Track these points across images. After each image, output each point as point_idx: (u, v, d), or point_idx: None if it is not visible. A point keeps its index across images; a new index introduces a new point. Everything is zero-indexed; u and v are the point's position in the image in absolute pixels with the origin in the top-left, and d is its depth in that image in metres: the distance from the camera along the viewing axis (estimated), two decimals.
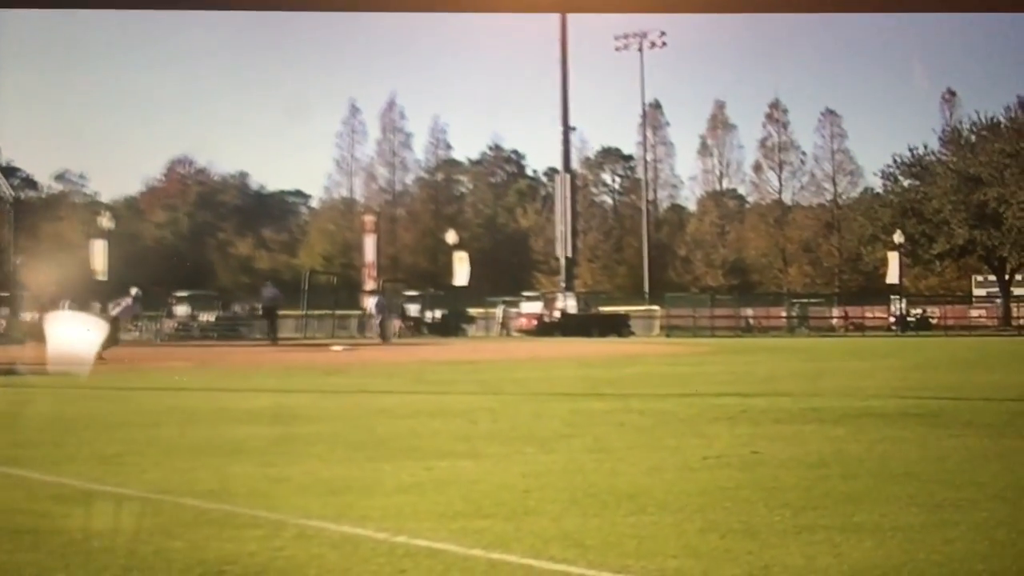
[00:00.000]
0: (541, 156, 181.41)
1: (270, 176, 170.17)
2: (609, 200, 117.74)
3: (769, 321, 75.86)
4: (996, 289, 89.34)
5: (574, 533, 6.73)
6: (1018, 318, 78.02)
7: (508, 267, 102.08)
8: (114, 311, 34.77)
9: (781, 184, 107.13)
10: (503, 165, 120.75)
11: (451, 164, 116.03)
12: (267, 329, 48.71)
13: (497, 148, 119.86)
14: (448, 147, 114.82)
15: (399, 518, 7.24)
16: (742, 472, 9.18)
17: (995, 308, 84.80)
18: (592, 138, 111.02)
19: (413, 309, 67.80)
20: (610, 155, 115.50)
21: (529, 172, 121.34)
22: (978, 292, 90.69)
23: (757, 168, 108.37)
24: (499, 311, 71.59)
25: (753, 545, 6.38)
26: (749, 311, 77.28)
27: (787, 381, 22.13)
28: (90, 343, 20.56)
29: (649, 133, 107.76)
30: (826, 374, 24.57)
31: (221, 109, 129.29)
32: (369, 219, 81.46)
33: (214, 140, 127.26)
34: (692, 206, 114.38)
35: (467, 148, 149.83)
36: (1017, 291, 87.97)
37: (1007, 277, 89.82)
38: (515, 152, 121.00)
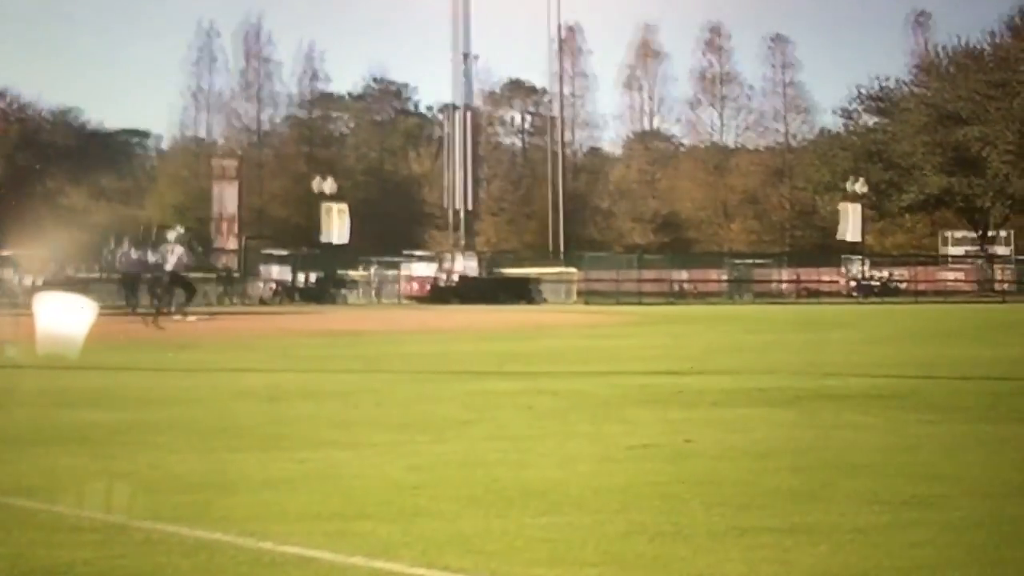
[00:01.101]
0: (434, 90, 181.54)
1: (108, 112, 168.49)
2: (517, 143, 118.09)
3: (707, 286, 76.61)
4: (975, 247, 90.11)
5: (473, 537, 6.71)
6: (1002, 282, 79.12)
7: (396, 222, 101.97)
8: None
9: (722, 124, 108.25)
10: (389, 100, 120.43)
11: (327, 99, 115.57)
12: (126, 296, 48.12)
13: (382, 80, 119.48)
14: (324, 79, 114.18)
15: (265, 520, 7.18)
16: (673, 464, 9.22)
17: (974, 270, 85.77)
18: (496, 68, 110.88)
19: (279, 271, 67.55)
20: (518, 89, 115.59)
21: (420, 109, 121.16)
22: (954, 251, 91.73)
23: (693, 104, 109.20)
24: (372, 274, 71.51)
25: (686, 550, 6.40)
26: (683, 274, 78.01)
27: (728, 356, 22.30)
28: None
29: (565, 63, 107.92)
30: (774, 348, 24.81)
31: (43, 31, 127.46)
32: (229, 164, 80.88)
33: (37, 68, 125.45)
34: (616, 150, 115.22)
35: (346, 80, 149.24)
36: (1000, 250, 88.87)
37: (988, 233, 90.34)
38: (403, 85, 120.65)
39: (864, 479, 8.48)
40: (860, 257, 77.45)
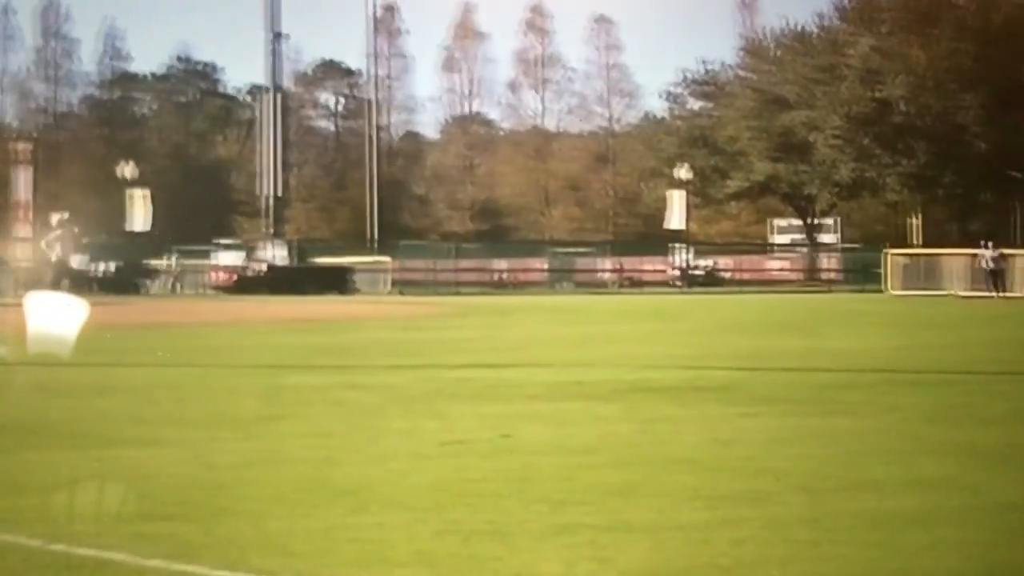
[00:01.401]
0: (242, 70, 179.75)
1: None
2: (329, 126, 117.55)
3: (527, 275, 76.94)
4: (801, 236, 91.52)
5: (279, 537, 6.67)
6: (828, 271, 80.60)
7: (202, 209, 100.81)
8: None
9: (543, 107, 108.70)
10: (195, 81, 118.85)
11: (128, 79, 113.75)
12: None
13: (186, 60, 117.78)
14: (124, 57, 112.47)
15: (57, 521, 7.06)
16: (489, 460, 9.25)
17: (799, 258, 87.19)
18: (308, 48, 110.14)
19: (78, 260, 66.37)
20: (331, 70, 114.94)
21: (229, 90, 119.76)
22: (781, 239, 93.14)
23: (514, 87, 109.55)
24: (173, 263, 70.69)
25: (501, 549, 6.42)
26: (502, 263, 78.24)
27: (547, 348, 22.42)
28: None
29: (381, 43, 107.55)
30: (595, 340, 25.00)
31: None
32: (22, 147, 79.13)
33: None
34: (433, 134, 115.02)
35: (148, 59, 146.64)
36: (826, 238, 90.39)
37: (814, 221, 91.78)
38: (210, 65, 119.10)
39: (685, 474, 8.58)
40: (684, 245, 78.18)
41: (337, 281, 64.12)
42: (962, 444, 10.00)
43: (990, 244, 55.49)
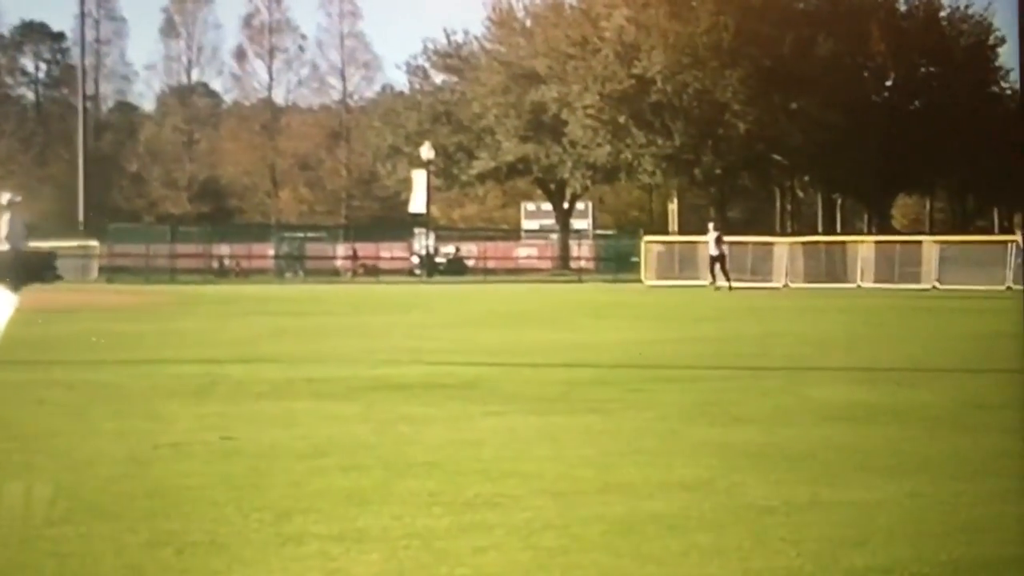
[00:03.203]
0: None
1: None
2: (30, 95, 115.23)
3: (252, 262, 76.47)
4: (552, 221, 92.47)
5: None
6: (579, 259, 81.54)
7: None
8: None
9: (272, 78, 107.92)
10: None
11: None
12: None
13: None
14: None
15: None
16: (208, 464, 9.18)
17: (550, 245, 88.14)
18: (8, 9, 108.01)
19: None
20: (33, 32, 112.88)
21: None
22: (529, 224, 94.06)
23: (240, 55, 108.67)
24: None
25: (220, 562, 6.37)
26: (224, 248, 77.68)
27: (274, 342, 22.32)
28: None
29: (90, 4, 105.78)
30: (328, 333, 24.95)
31: None
32: None
33: None
34: (149, 105, 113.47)
35: None
36: (579, 224, 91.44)
37: (566, 206, 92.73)
38: None
39: (423, 478, 8.61)
40: (425, 230, 78.38)
41: (38, 268, 62.81)
42: (719, 444, 10.20)
43: (711, 226, 54.66)
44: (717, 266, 52.57)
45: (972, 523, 7.32)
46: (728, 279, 51.58)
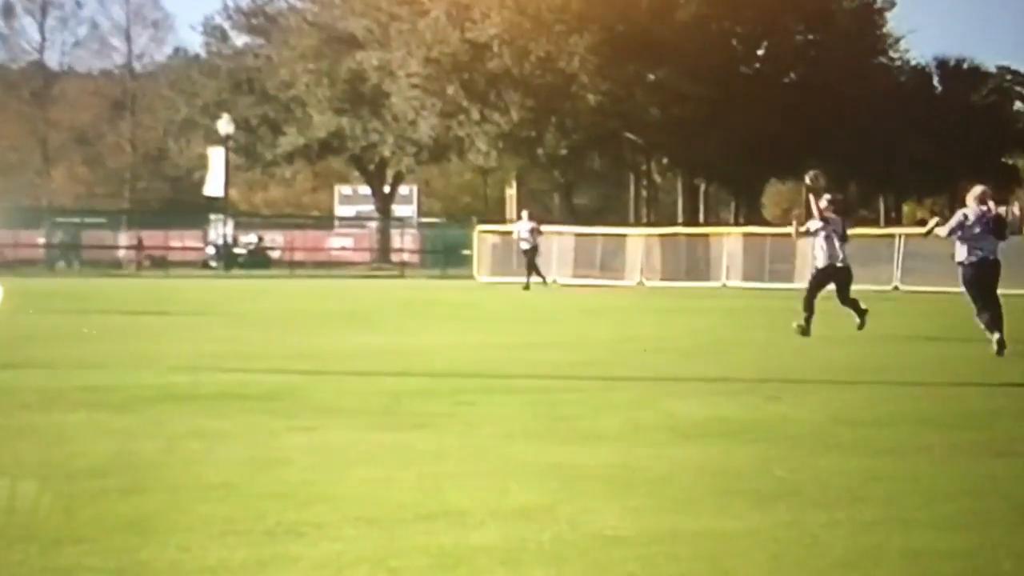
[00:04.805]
0: None
1: None
2: None
3: (18, 251, 75.57)
4: (370, 208, 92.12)
5: None
6: (402, 251, 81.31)
7: None
8: None
9: (44, 37, 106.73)
10: None
11: None
12: None
13: None
14: None
15: None
16: None
17: (368, 236, 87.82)
18: None
19: None
20: None
21: None
22: (344, 211, 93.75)
23: (6, 12, 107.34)
24: None
25: None
26: None
27: (44, 346, 22.01)
28: None
29: None
30: (107, 335, 24.71)
31: None
32: None
33: None
34: None
35: None
36: (402, 211, 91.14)
37: (387, 190, 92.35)
38: None
39: (220, 503, 8.56)
40: (224, 217, 77.90)
41: None
42: (563, 465, 10.21)
43: (524, 214, 54.05)
44: (528, 258, 51.62)
45: (846, 559, 7.38)
46: (530, 276, 50.64)
